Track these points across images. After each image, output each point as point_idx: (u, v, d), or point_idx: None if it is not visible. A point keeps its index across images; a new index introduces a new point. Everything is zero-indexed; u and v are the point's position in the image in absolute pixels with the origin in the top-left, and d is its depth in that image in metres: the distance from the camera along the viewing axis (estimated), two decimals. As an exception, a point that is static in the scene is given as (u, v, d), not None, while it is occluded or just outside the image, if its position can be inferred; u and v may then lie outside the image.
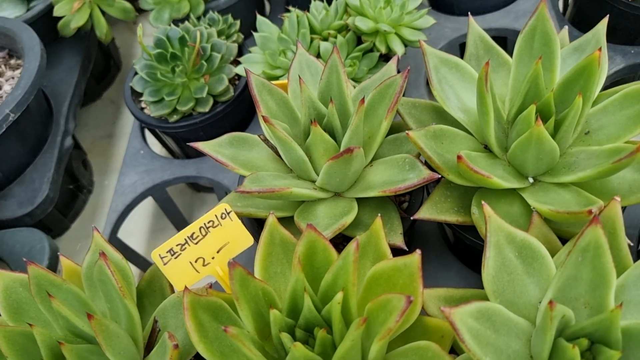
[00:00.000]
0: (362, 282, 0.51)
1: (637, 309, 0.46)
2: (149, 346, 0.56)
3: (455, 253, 0.71)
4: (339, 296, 0.46)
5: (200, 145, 0.62)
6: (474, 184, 0.55)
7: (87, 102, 1.25)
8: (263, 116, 0.55)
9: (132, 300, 0.55)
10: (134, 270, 1.00)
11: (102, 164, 1.15)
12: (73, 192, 1.04)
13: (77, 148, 1.08)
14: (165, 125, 0.82)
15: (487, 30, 0.90)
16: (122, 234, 0.92)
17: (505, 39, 0.93)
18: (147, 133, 0.98)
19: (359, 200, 0.61)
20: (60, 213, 1.00)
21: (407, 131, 0.54)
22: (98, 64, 1.20)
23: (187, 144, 0.63)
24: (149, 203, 1.02)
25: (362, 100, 0.55)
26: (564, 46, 0.63)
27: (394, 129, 0.65)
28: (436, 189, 0.59)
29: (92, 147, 1.18)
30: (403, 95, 0.79)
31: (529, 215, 0.56)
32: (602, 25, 0.62)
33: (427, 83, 0.91)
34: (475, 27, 0.64)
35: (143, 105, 0.88)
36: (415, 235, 0.74)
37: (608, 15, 0.62)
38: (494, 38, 0.75)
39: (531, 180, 0.58)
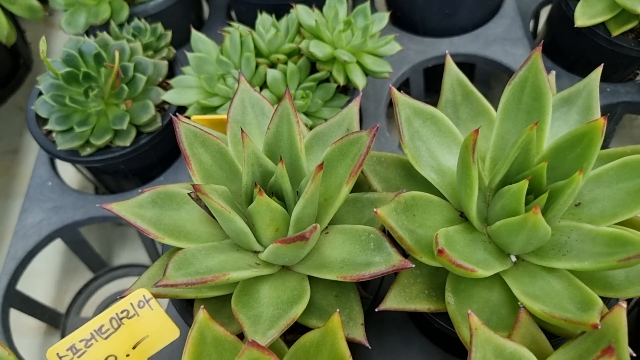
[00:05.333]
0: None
1: None
2: None
3: (419, 325, 0.62)
4: None
5: (115, 208, 0.50)
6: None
7: (-12, 108, 1.06)
8: (194, 185, 0.44)
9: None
10: (35, 323, 0.85)
11: (4, 184, 0.97)
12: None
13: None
14: (76, 159, 0.68)
15: (455, 56, 0.81)
16: (26, 276, 0.77)
17: (473, 66, 0.84)
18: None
19: (311, 277, 0.50)
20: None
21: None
22: (2, 63, 1.02)
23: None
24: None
25: (321, 166, 0.44)
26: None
27: (354, 186, 0.54)
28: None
29: (-8, 165, 1.00)
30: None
31: (511, 304, 0.48)
32: (596, 75, 0.54)
33: (388, 114, 0.81)
34: (453, 69, 0.54)
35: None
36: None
37: (602, 65, 0.55)
38: (461, 64, 0.66)
39: (514, 258, 0.49)
